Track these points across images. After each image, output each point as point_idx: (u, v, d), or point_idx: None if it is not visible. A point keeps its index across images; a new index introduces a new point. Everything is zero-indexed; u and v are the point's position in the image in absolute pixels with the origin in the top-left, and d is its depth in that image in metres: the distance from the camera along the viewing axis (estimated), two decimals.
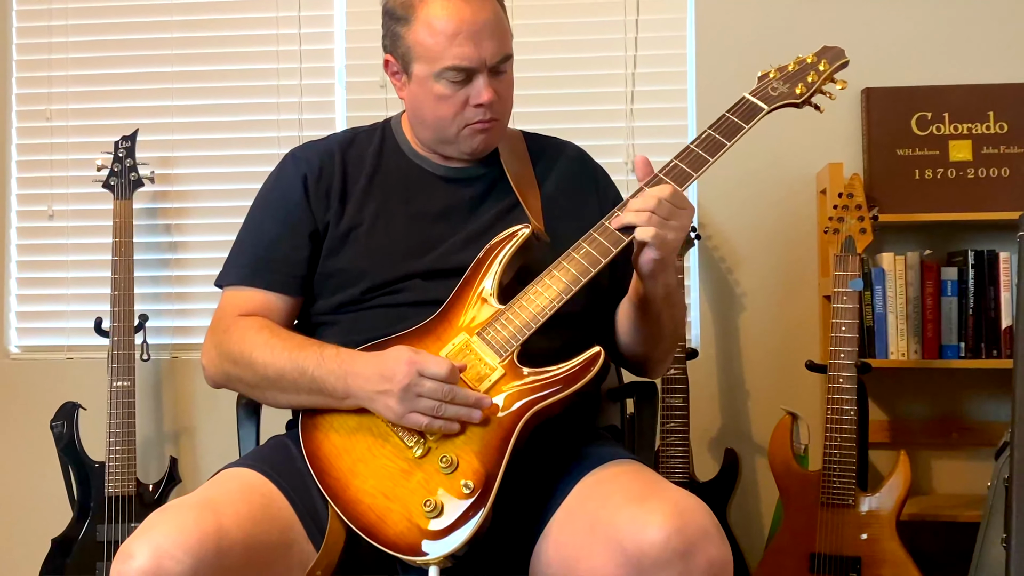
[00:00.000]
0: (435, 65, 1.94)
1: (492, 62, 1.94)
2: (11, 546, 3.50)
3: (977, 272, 2.98)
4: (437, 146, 2.06)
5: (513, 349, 1.81)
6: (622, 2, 3.34)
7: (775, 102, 1.98)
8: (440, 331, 1.88)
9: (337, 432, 1.84)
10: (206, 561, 1.59)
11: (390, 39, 2.02)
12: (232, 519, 1.65)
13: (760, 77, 2.04)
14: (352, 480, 1.78)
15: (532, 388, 1.78)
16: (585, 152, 2.23)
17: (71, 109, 3.57)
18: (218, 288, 2.08)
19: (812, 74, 2.02)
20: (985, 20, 3.21)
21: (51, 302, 3.58)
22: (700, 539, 1.56)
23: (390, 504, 1.74)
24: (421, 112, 2.02)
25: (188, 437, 3.48)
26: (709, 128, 1.93)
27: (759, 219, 3.29)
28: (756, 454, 3.27)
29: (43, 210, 3.57)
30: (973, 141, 3.08)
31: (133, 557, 1.58)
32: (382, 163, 2.09)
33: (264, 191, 2.11)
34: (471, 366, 1.81)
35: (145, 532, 1.62)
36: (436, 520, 1.70)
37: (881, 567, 2.69)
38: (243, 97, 3.52)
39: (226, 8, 3.51)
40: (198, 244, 3.53)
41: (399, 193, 2.06)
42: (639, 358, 2.07)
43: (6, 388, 3.55)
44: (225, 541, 1.62)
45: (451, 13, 1.92)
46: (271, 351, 1.89)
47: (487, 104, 1.95)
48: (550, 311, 1.82)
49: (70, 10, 3.56)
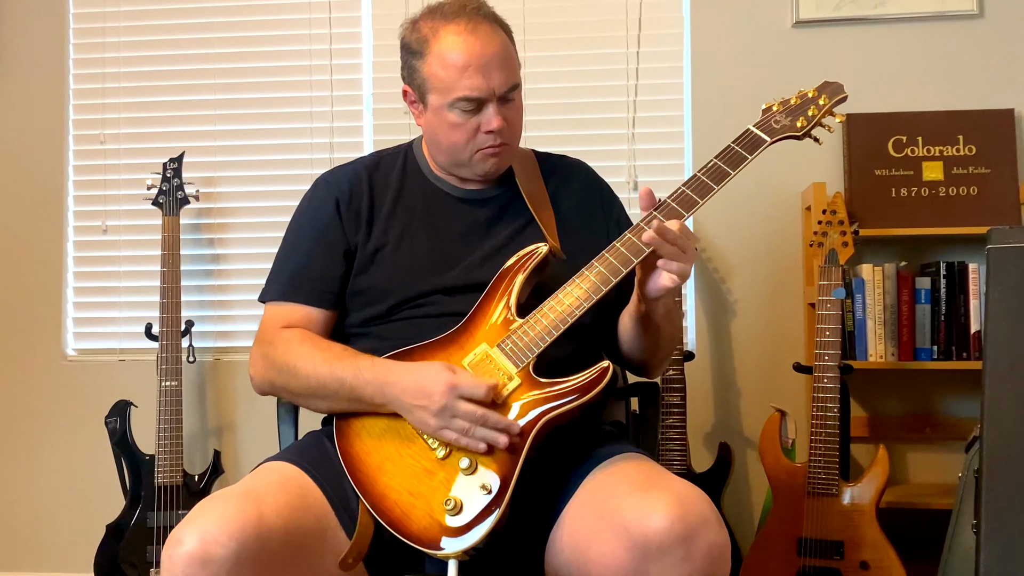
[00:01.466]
0: (448, 96, 1.93)
1: (501, 91, 1.93)
2: (70, 531, 3.49)
3: (948, 282, 2.97)
4: (453, 168, 2.04)
5: (529, 360, 1.79)
6: (624, 36, 3.33)
7: (777, 134, 1.95)
8: (462, 341, 1.86)
9: (368, 432, 1.84)
10: (248, 545, 1.60)
11: (407, 71, 2.01)
12: (272, 508, 1.66)
13: (764, 110, 2.00)
14: (380, 477, 1.78)
15: (546, 398, 1.76)
16: (593, 170, 2.20)
17: (123, 134, 3.57)
18: (260, 302, 2.07)
19: (812, 108, 1.97)
20: (955, 53, 3.21)
21: (105, 309, 3.57)
22: (700, 525, 1.57)
23: (414, 501, 1.74)
24: (436, 138, 2.00)
25: (230, 432, 3.47)
26: (715, 157, 1.91)
27: (749, 233, 3.28)
28: (747, 447, 3.27)
29: (98, 225, 3.57)
30: (944, 162, 3.08)
31: (182, 542, 1.59)
32: (405, 186, 2.08)
33: (299, 214, 2.10)
34: (491, 374, 1.80)
35: (193, 520, 1.63)
36: (456, 517, 1.70)
37: (862, 550, 2.68)
38: (279, 123, 3.51)
39: (264, 42, 3.51)
40: (239, 256, 3.52)
41: (421, 215, 2.04)
42: (640, 363, 2.05)
43: (64, 387, 3.54)
44: (265, 527, 1.63)
45: (461, 47, 1.91)
46: (312, 362, 1.88)
47: (496, 130, 1.94)
48: (563, 326, 1.81)
49: (122, 43, 3.56)
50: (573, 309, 1.82)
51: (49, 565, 3.53)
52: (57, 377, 3.56)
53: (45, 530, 3.54)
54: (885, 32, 3.25)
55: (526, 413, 1.76)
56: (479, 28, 1.93)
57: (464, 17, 1.93)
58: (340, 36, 3.48)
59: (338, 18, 3.48)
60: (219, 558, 1.58)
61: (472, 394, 1.73)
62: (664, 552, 1.55)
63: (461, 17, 1.93)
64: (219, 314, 3.53)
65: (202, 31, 3.54)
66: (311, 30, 3.49)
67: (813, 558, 2.72)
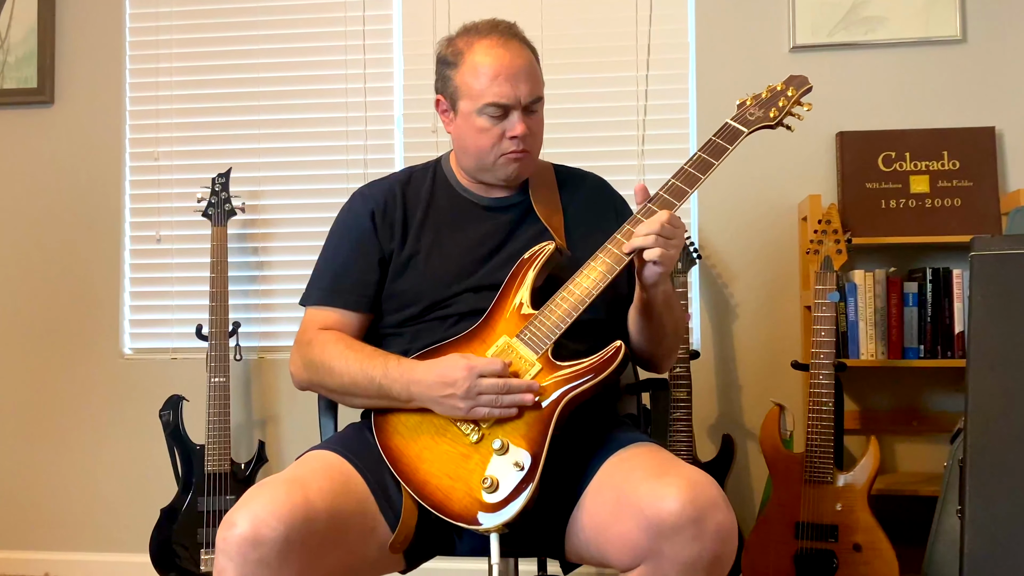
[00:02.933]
0: (477, 102, 1.93)
1: (526, 101, 1.94)
2: (128, 515, 3.51)
3: (934, 286, 2.96)
4: (478, 174, 2.04)
5: (547, 346, 1.80)
6: (634, 61, 3.34)
7: (752, 125, 1.97)
8: (484, 335, 1.87)
9: (404, 426, 1.84)
10: (296, 527, 1.60)
11: (441, 82, 2.02)
12: (317, 493, 1.66)
13: (739, 104, 2.03)
14: (420, 465, 1.78)
15: (567, 379, 1.77)
16: (605, 181, 2.21)
17: (175, 151, 3.58)
18: (301, 306, 2.07)
19: (782, 99, 2.01)
20: (939, 75, 3.20)
21: (159, 312, 3.58)
22: (710, 507, 1.57)
23: (454, 483, 1.74)
24: (464, 143, 2.00)
25: (273, 424, 3.48)
26: (699, 150, 1.93)
27: (750, 242, 3.28)
28: (748, 439, 3.26)
29: (152, 235, 3.58)
30: (930, 176, 3.07)
31: (235, 525, 1.60)
32: (435, 197, 2.07)
33: (337, 224, 2.10)
34: (514, 363, 1.80)
35: (245, 504, 1.63)
36: (493, 494, 1.71)
37: (855, 533, 2.67)
38: (318, 141, 3.51)
39: (304, 67, 3.52)
40: (281, 263, 3.52)
41: (449, 223, 2.04)
42: (647, 355, 2.04)
43: (121, 383, 3.56)
44: (311, 511, 1.63)
45: (492, 59, 1.93)
46: (345, 362, 1.89)
47: (520, 136, 1.94)
48: (576, 312, 1.81)
49: (174, 68, 3.57)
50: (584, 297, 1.83)
51: (108, 545, 3.55)
52: (115, 374, 3.58)
53: (104, 513, 3.56)
54: (875, 56, 3.25)
55: (549, 394, 1.76)
56: (510, 44, 1.95)
57: (496, 34, 1.96)
58: (373, 62, 3.50)
59: (372, 45, 3.49)
60: (269, 540, 1.58)
61: (490, 371, 1.75)
62: (676, 532, 1.55)
63: (494, 34, 1.96)
64: (263, 316, 3.53)
65: (247, 57, 3.56)
66: (347, 56, 3.50)
67: (809, 541, 2.71)
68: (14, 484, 3.62)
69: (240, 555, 1.59)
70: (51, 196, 3.64)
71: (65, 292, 3.62)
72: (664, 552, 1.57)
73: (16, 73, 3.64)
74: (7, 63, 3.64)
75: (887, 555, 2.66)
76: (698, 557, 1.57)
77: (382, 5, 3.50)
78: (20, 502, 3.61)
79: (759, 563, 2.76)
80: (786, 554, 2.73)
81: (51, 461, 3.60)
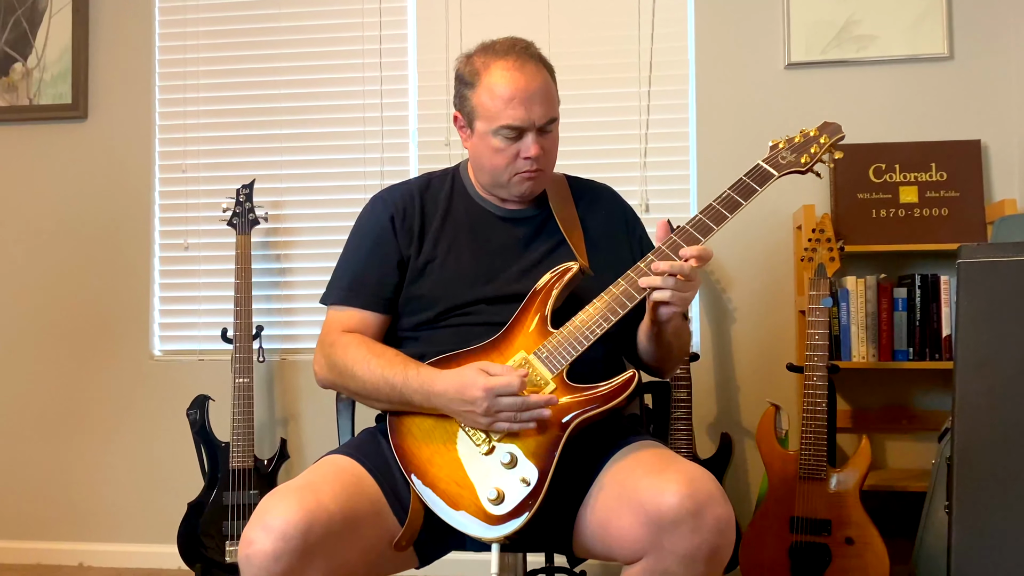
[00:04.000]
0: (493, 123, 1.89)
1: (540, 123, 1.89)
2: (156, 508, 3.53)
3: (923, 292, 2.95)
4: (493, 189, 2.00)
5: (563, 367, 1.78)
6: (636, 78, 3.34)
7: (783, 169, 1.90)
8: (503, 348, 1.84)
9: (418, 429, 1.81)
10: (313, 531, 1.58)
11: (459, 99, 1.97)
12: (329, 495, 1.64)
13: (771, 147, 1.95)
14: (430, 469, 1.76)
15: (579, 403, 1.74)
16: (618, 194, 2.17)
17: (202, 163, 3.59)
18: (322, 305, 2.03)
19: (815, 146, 1.93)
20: (928, 91, 3.20)
21: (186, 316, 3.59)
22: (708, 501, 1.56)
23: (461, 491, 1.72)
24: (480, 160, 1.96)
25: (294, 422, 3.48)
26: (728, 189, 1.87)
27: (748, 249, 3.27)
28: (746, 437, 3.26)
29: (180, 243, 3.60)
30: (919, 187, 3.07)
31: (254, 542, 1.57)
32: (452, 205, 2.03)
33: (357, 227, 2.05)
34: (529, 379, 1.76)
35: (259, 519, 1.59)
36: (498, 507, 1.69)
37: (847, 528, 2.67)
38: (337, 154, 3.52)
39: (323, 83, 3.52)
40: (302, 269, 3.52)
41: (466, 231, 2.00)
42: (654, 367, 2.02)
43: (151, 384, 3.58)
44: (324, 513, 1.61)
45: (508, 81, 1.87)
46: (367, 367, 1.85)
47: (534, 157, 1.90)
48: (593, 337, 1.79)
49: (201, 85, 3.59)
50: (601, 322, 1.79)
51: (139, 536, 3.56)
52: (145, 375, 3.59)
53: (134, 506, 3.57)
54: (866, 73, 3.24)
55: (561, 415, 1.74)
56: (526, 66, 1.90)
57: (513, 55, 1.90)
58: (389, 79, 3.50)
59: (388, 63, 3.49)
60: (289, 550, 1.56)
61: (507, 391, 1.70)
62: (676, 525, 1.55)
63: (511, 55, 1.90)
64: (285, 320, 3.53)
65: (270, 75, 3.57)
66: (364, 73, 3.50)
67: (804, 534, 2.70)
68: (50, 479, 3.63)
69: (265, 570, 1.57)
70: (85, 206, 3.65)
71: (98, 297, 3.63)
72: (664, 545, 1.57)
73: (52, 90, 3.66)
74: (43, 80, 3.66)
75: (878, 548, 2.65)
76: (697, 549, 1.56)
77: (398, 25, 3.50)
78: (56, 496, 3.63)
79: (756, 556, 2.75)
80: (781, 547, 2.73)
81: (83, 457, 3.62)
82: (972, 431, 1.92)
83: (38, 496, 3.63)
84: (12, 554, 3.61)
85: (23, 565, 3.58)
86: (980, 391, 1.92)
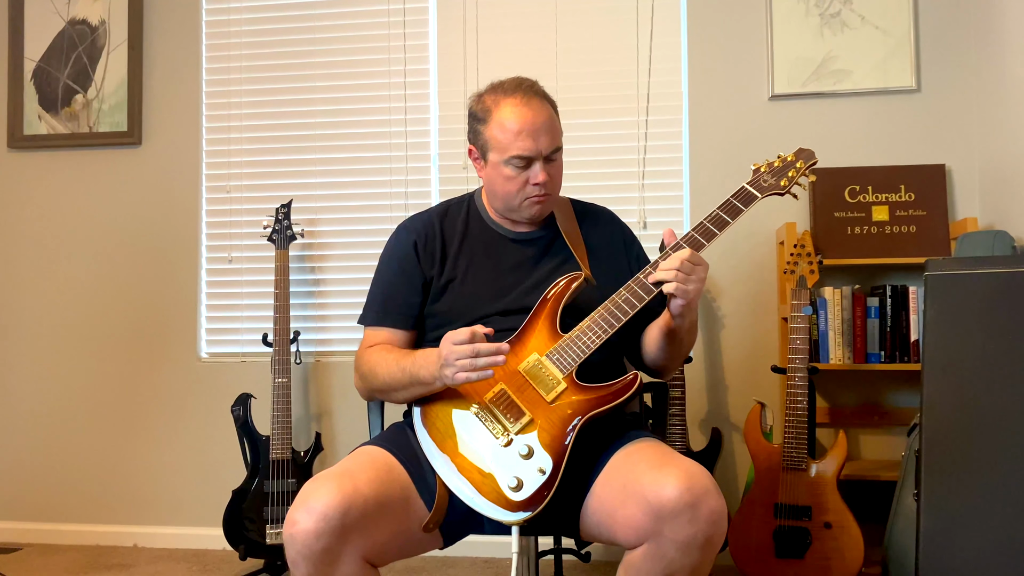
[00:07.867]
0: (504, 154, 1.91)
1: (546, 152, 1.91)
2: (204, 495, 3.55)
3: (893, 301, 2.95)
4: (506, 213, 2.02)
5: (573, 367, 1.79)
6: (635, 107, 3.34)
7: (766, 191, 1.93)
8: (517, 350, 1.85)
9: (441, 422, 1.82)
10: (351, 514, 1.59)
11: (472, 134, 1.99)
12: (365, 482, 1.65)
13: (754, 170, 1.97)
14: (454, 459, 1.77)
15: (588, 401, 1.76)
16: (616, 215, 2.18)
17: (244, 184, 3.60)
18: (360, 324, 2.06)
19: (792, 171, 1.95)
20: (897, 120, 3.20)
21: (230, 322, 3.60)
22: (703, 494, 1.57)
23: (483, 479, 1.73)
24: (494, 188, 1.98)
25: (328, 418, 3.47)
26: (717, 208, 1.89)
27: (735, 262, 3.28)
28: (734, 432, 3.26)
29: (225, 256, 3.61)
30: (889, 207, 3.07)
31: (297, 522, 1.58)
32: (469, 229, 2.05)
33: (385, 254, 2.07)
34: (542, 379, 1.79)
35: (302, 502, 1.61)
36: (517, 493, 1.70)
37: (826, 513, 2.67)
38: (365, 176, 3.52)
39: (354, 113, 3.52)
40: (334, 280, 3.51)
41: (482, 252, 2.02)
42: (658, 367, 2.03)
43: (199, 383, 3.59)
44: (360, 497, 1.62)
45: (517, 116, 1.90)
46: (385, 363, 1.89)
47: (542, 183, 1.92)
48: (600, 340, 1.80)
49: (244, 114, 3.59)
50: (607, 326, 1.82)
51: (188, 521, 3.57)
52: (193, 375, 3.60)
53: (184, 493, 3.59)
54: (842, 104, 3.25)
55: (572, 411, 1.75)
56: (532, 101, 1.91)
57: (520, 92, 1.92)
58: (413, 109, 3.50)
59: (411, 95, 3.50)
60: (329, 529, 1.58)
61: (459, 340, 1.71)
62: (675, 515, 1.56)
63: (518, 92, 1.92)
64: (319, 326, 3.53)
65: (306, 105, 3.57)
66: (390, 104, 3.51)
67: (787, 520, 2.70)
68: (107, 468, 3.64)
69: (307, 547, 1.58)
70: (139, 223, 3.67)
71: (151, 305, 3.64)
72: (664, 533, 1.57)
73: (109, 119, 3.68)
74: (102, 110, 3.68)
75: (853, 531, 2.66)
76: (693, 537, 1.57)
77: (420, 61, 3.51)
78: (112, 484, 3.64)
79: (743, 539, 2.75)
80: (766, 531, 2.73)
81: (138, 449, 3.63)
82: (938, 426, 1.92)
83: (97, 483, 3.64)
84: (73, 535, 3.63)
85: (84, 546, 3.59)
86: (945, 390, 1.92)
